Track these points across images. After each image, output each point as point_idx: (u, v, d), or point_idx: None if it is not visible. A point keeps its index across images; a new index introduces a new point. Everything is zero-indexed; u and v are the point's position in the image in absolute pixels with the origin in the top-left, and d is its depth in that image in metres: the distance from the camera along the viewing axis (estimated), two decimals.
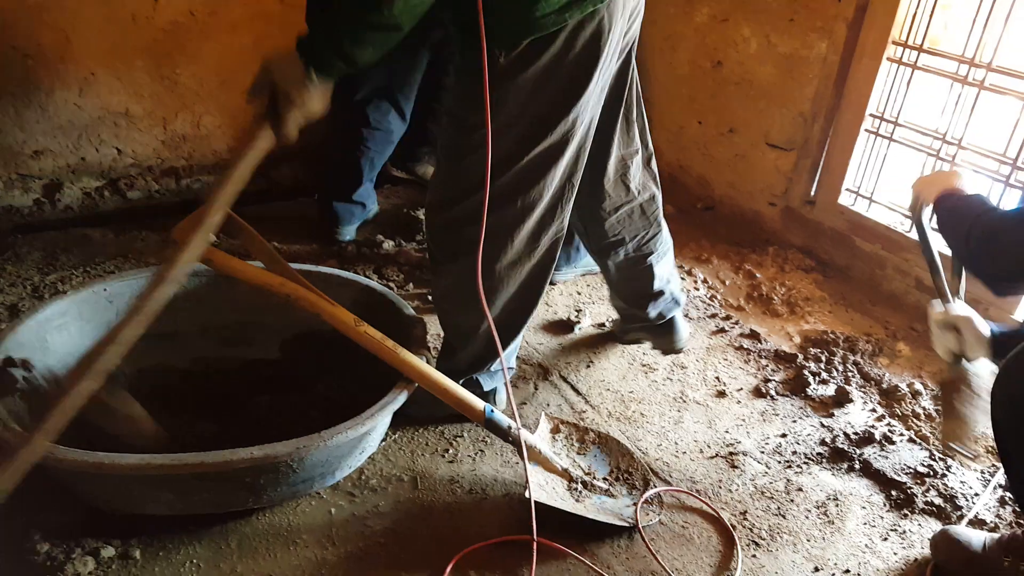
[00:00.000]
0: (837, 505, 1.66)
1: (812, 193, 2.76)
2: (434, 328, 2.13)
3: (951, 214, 1.53)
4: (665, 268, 1.94)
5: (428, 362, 1.59)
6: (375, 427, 1.50)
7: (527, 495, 1.47)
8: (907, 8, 2.39)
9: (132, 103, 2.65)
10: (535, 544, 1.44)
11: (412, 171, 2.97)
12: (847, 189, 2.65)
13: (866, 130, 2.56)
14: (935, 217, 1.58)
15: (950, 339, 1.56)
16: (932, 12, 2.35)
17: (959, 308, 1.59)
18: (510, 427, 1.56)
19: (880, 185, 2.58)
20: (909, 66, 2.43)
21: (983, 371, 1.55)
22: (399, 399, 1.51)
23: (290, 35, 1.34)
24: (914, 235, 2.46)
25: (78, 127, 2.62)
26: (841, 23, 2.52)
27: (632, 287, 1.95)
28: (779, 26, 2.73)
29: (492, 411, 1.55)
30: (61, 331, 1.68)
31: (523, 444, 1.55)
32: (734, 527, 1.57)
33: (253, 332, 1.92)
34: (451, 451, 1.71)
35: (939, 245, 1.66)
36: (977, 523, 1.64)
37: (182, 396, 1.77)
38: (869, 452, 1.81)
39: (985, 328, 1.59)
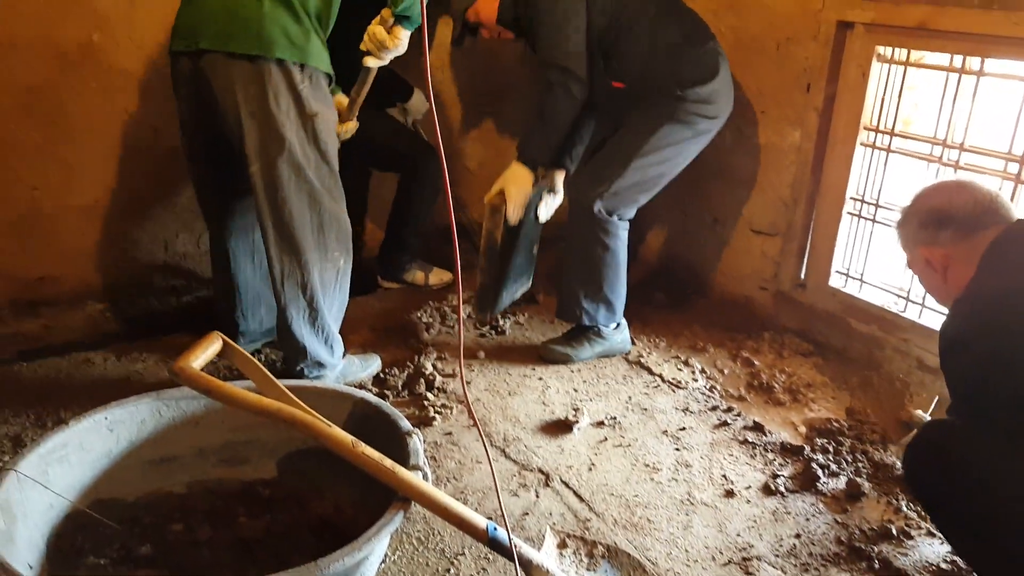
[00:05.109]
0: None
1: (802, 276, 2.79)
2: (430, 437, 2.13)
3: None
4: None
5: (425, 478, 1.57)
6: (372, 552, 1.47)
7: None
8: (875, 93, 2.49)
9: (134, 227, 2.74)
10: None
11: (401, 279, 3.12)
12: (837, 271, 2.68)
13: (848, 213, 2.61)
14: None
15: None
16: (900, 95, 2.44)
17: None
18: (515, 545, 1.52)
19: (870, 266, 2.61)
20: (883, 150, 2.51)
21: None
22: (396, 520, 1.48)
23: None
24: (909, 315, 2.48)
25: (83, 252, 2.69)
26: (812, 112, 2.61)
27: None
28: (751, 119, 2.83)
29: (495, 529, 1.52)
30: (62, 463, 1.68)
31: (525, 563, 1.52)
32: None
33: (249, 451, 1.91)
34: (452, 571, 1.67)
35: None
36: None
37: (179, 522, 1.75)
38: (887, 549, 1.76)
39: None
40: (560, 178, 2.67)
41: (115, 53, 2.51)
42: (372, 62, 2.12)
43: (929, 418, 2.16)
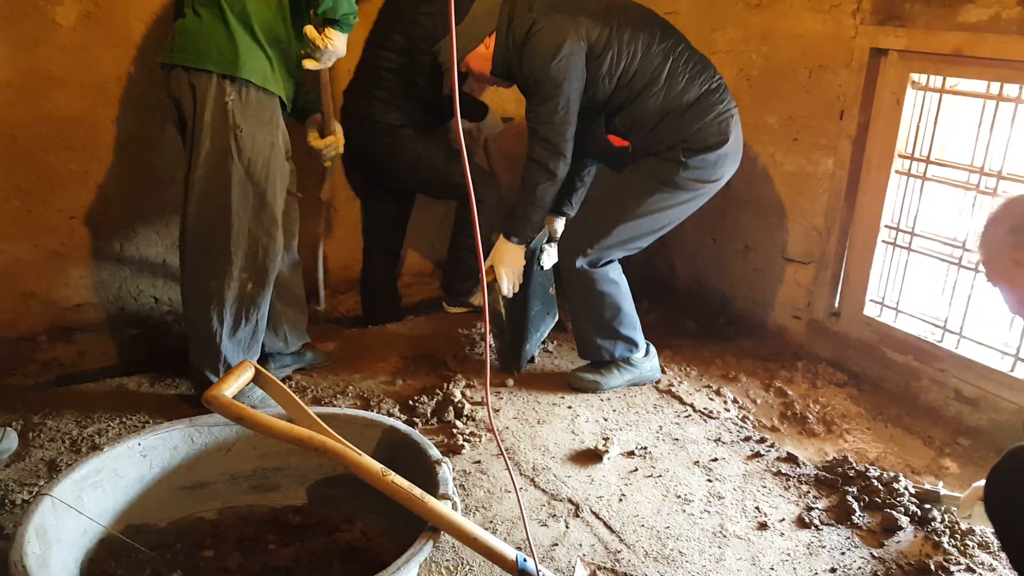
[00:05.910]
0: None
1: (836, 305, 2.74)
2: (459, 465, 2.11)
3: None
4: None
5: (454, 507, 1.56)
6: None
7: None
8: (910, 120, 2.46)
9: (169, 255, 2.79)
10: None
11: (468, 304, 3.13)
12: (872, 300, 2.63)
13: (883, 241, 2.57)
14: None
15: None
16: (936, 122, 2.41)
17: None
18: None
19: (905, 295, 2.56)
20: (919, 177, 2.47)
21: None
22: (425, 550, 1.47)
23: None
24: (946, 345, 2.42)
25: (118, 279, 2.75)
26: (845, 139, 2.59)
27: None
28: (783, 145, 2.82)
29: (525, 560, 1.51)
30: (96, 488, 1.69)
31: None
32: None
33: (279, 477, 1.92)
34: None
35: None
36: None
37: (210, 548, 1.75)
38: None
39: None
40: (561, 224, 2.67)
41: (151, 84, 2.58)
42: (310, 65, 2.17)
43: (944, 489, 2.02)
